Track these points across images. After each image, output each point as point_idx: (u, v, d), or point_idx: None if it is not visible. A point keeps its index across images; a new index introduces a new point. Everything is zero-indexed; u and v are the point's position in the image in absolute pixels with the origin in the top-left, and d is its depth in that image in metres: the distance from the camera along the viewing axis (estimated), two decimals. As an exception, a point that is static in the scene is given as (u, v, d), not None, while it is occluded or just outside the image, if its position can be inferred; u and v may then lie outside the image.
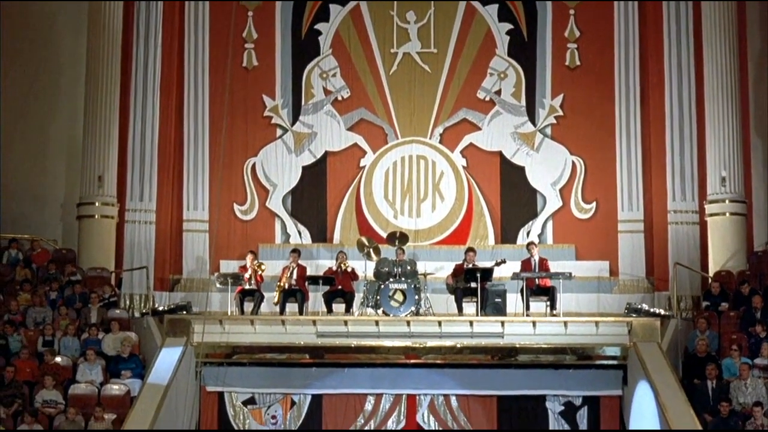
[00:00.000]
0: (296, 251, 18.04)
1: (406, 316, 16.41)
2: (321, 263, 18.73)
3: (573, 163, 19.96)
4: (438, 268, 18.48)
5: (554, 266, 17.70)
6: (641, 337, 15.96)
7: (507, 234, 19.98)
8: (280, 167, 20.17)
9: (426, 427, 16.49)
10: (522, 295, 16.98)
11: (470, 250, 17.66)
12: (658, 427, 14.69)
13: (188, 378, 15.97)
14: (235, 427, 16.53)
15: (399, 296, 16.74)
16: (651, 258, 19.39)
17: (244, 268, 17.61)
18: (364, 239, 18.25)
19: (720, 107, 18.56)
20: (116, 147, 19.28)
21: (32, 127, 20.03)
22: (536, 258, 17.41)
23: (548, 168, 20.01)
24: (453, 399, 16.50)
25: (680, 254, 18.59)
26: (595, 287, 19.07)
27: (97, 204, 18.94)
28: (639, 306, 17.14)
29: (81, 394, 15.49)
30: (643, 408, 15.37)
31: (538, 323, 16.23)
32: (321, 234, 20.05)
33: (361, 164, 20.14)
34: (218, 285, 17.63)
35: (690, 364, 15.81)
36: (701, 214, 18.92)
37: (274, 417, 16.50)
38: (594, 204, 19.88)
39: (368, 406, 16.54)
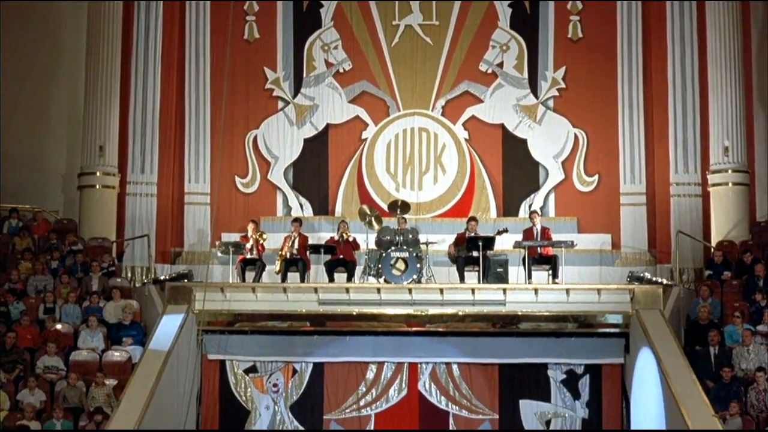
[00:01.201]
0: (298, 220, 18.01)
1: (407, 284, 16.32)
2: (322, 236, 18.66)
3: (575, 135, 19.92)
4: (440, 240, 18.41)
5: (556, 238, 17.63)
6: (643, 304, 15.90)
7: (509, 207, 19.94)
8: (281, 140, 20.14)
9: (428, 396, 16.39)
10: (524, 264, 16.94)
11: (472, 219, 17.62)
12: (659, 394, 14.61)
13: (189, 346, 15.90)
14: (237, 396, 16.43)
15: (401, 265, 16.69)
16: (653, 230, 19.41)
17: (245, 237, 17.56)
18: (365, 208, 18.20)
19: (723, 77, 18.52)
20: (117, 118, 19.27)
21: (33, 98, 19.97)
22: (538, 227, 17.37)
23: (550, 140, 19.96)
24: (455, 367, 16.43)
25: (683, 226, 18.65)
26: (597, 260, 19.07)
27: (98, 174, 18.91)
28: (641, 274, 17.11)
29: (82, 360, 15.47)
30: (645, 375, 15.33)
31: (540, 291, 16.18)
32: (323, 207, 20.02)
33: (363, 137, 20.09)
34: (220, 254, 17.59)
35: (692, 332, 15.77)
36: (704, 185, 18.93)
37: (275, 385, 16.44)
38: (596, 176, 19.85)
39: (370, 375, 16.48)
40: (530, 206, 19.43)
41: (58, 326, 15.93)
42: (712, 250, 17.68)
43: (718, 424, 13.50)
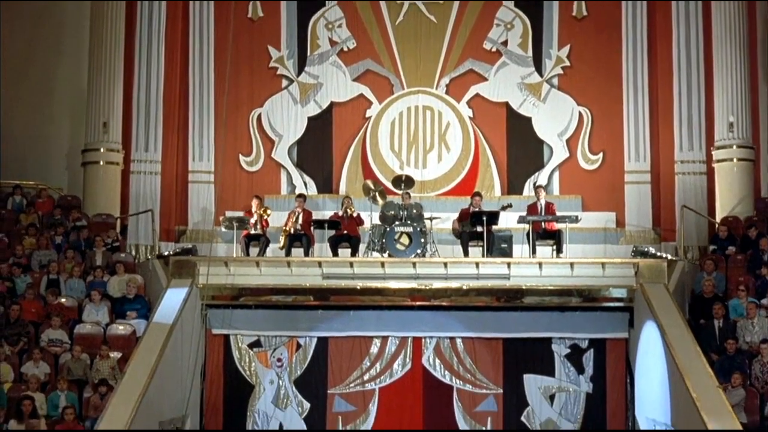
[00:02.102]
0: (302, 196, 18.02)
1: (411, 258, 16.30)
2: (326, 214, 18.62)
3: (580, 113, 19.91)
4: (444, 219, 18.39)
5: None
6: (648, 278, 15.83)
7: (513, 185, 19.95)
8: (285, 118, 20.15)
9: (432, 370, 16.38)
10: (528, 239, 16.91)
11: (477, 194, 17.59)
12: (664, 367, 14.58)
13: (193, 319, 15.83)
14: (241, 370, 16.42)
15: (405, 239, 16.68)
16: (658, 208, 19.40)
17: (249, 212, 17.55)
18: (369, 183, 18.21)
19: (728, 53, 18.50)
20: (121, 96, 19.24)
21: (37, 75, 20.01)
22: (542, 202, 17.34)
23: (555, 119, 19.96)
24: (459, 341, 16.39)
25: (687, 204, 18.52)
26: (602, 238, 19.06)
27: (102, 150, 18.91)
28: (646, 249, 17.08)
29: (86, 333, 15.48)
30: (649, 348, 15.29)
31: (545, 265, 16.10)
32: (327, 185, 20.03)
33: (367, 115, 20.09)
34: (224, 228, 17.56)
35: (696, 305, 15.75)
36: (708, 163, 18.88)
37: (279, 360, 16.42)
38: (601, 155, 19.84)
39: (374, 349, 16.44)
40: (535, 183, 19.38)
41: (63, 300, 15.94)
42: (717, 225, 17.62)
43: (723, 395, 13.45)
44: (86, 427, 13.66)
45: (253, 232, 17.35)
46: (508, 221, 17.70)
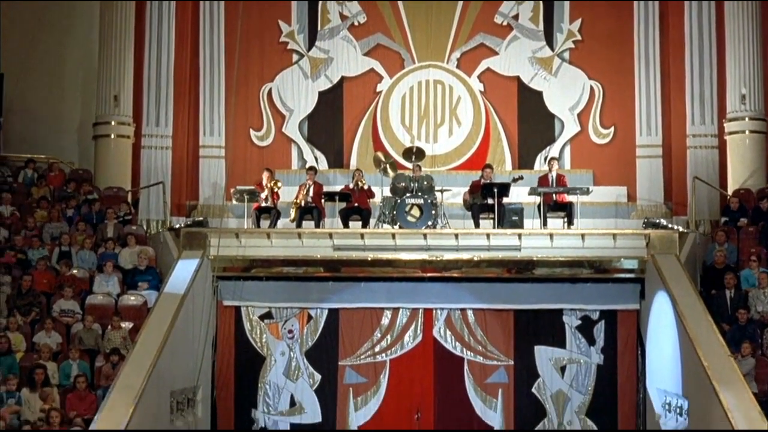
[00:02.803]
0: (313, 169, 18.05)
1: (422, 229, 16.28)
2: (337, 188, 18.57)
3: (591, 87, 19.86)
4: (455, 193, 18.37)
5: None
6: (659, 249, 15.78)
7: (524, 159, 19.92)
8: (296, 93, 20.14)
9: (442, 342, 16.37)
10: (539, 211, 16.88)
11: (487, 166, 17.57)
12: (675, 337, 14.55)
13: (204, 291, 15.86)
14: (252, 342, 16.44)
15: (415, 211, 16.67)
16: (669, 183, 19.34)
17: (260, 185, 17.55)
18: (380, 155, 18.22)
19: (740, 25, 18.40)
20: (131, 69, 19.28)
21: (48, 49, 20.00)
22: (554, 174, 17.30)
23: (566, 93, 19.91)
24: (470, 313, 16.37)
25: (699, 178, 18.44)
26: (613, 212, 19.03)
27: (112, 123, 18.95)
28: (657, 220, 17.04)
29: (98, 304, 15.53)
30: (660, 319, 15.26)
31: (556, 236, 16.05)
32: (338, 159, 20.03)
33: (378, 89, 20.08)
34: (235, 201, 17.58)
35: (708, 276, 15.72)
36: (720, 137, 18.80)
37: (290, 331, 16.42)
38: (612, 129, 19.79)
39: (385, 321, 16.43)
40: (546, 158, 19.33)
41: (74, 271, 15.98)
42: (729, 197, 17.56)
43: (734, 364, 13.42)
44: (98, 395, 13.70)
45: (263, 205, 17.36)
46: (519, 195, 17.67)
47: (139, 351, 13.98)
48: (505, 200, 16.90)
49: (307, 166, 19.19)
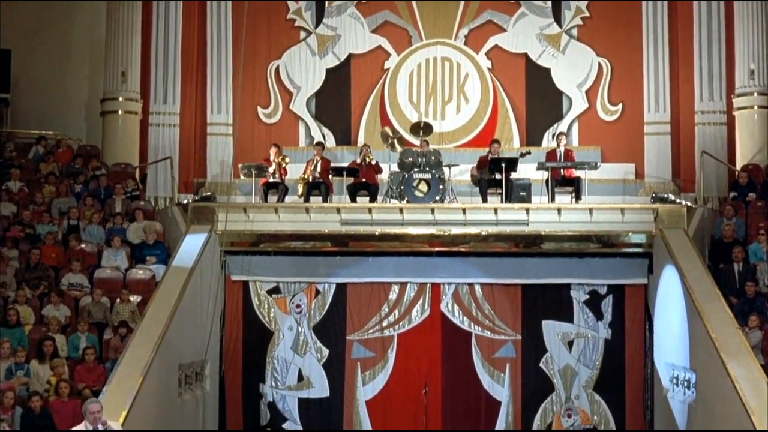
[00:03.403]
0: (320, 144, 18.06)
1: (430, 204, 16.28)
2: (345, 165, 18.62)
3: (599, 64, 19.83)
4: (462, 170, 18.35)
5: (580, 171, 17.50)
6: (667, 224, 15.76)
7: (532, 136, 19.89)
8: (303, 70, 20.13)
9: (450, 316, 16.36)
10: (547, 186, 16.86)
11: (495, 141, 17.56)
12: (683, 311, 14.54)
13: (212, 265, 15.86)
14: (260, 316, 16.45)
15: (423, 186, 16.65)
16: (677, 160, 19.32)
17: (268, 160, 17.55)
18: (387, 129, 18.20)
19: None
20: (139, 47, 19.28)
21: (55, 26, 20.02)
22: (562, 149, 17.27)
23: (574, 70, 19.88)
24: (477, 288, 16.35)
25: (707, 156, 18.38)
26: (621, 189, 19.00)
27: (120, 99, 18.95)
28: (665, 195, 17.02)
29: (106, 277, 15.56)
30: (668, 293, 15.24)
31: (564, 211, 16.03)
32: (345, 137, 20.02)
33: (386, 66, 20.06)
34: (242, 176, 17.57)
35: (716, 251, 15.69)
36: (729, 113, 18.75)
37: (298, 306, 16.43)
38: (620, 106, 19.75)
39: (392, 295, 16.41)
40: (554, 135, 19.26)
41: (83, 246, 16.01)
42: (737, 172, 17.52)
43: (742, 336, 13.41)
44: (106, 368, 13.73)
45: (271, 180, 17.35)
46: (527, 171, 17.63)
47: (148, 324, 14.01)
48: (513, 176, 16.86)
49: (314, 142, 19.14)
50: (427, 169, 16.78)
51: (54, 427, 12.41)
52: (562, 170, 16.99)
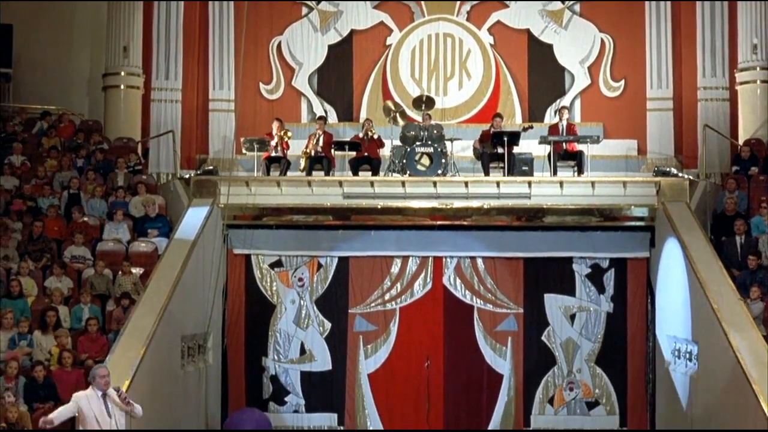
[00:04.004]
0: (322, 118, 18.05)
1: (432, 177, 16.28)
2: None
3: (602, 40, 19.82)
4: (464, 147, 18.33)
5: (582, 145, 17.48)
6: (669, 197, 15.76)
7: (534, 112, 19.88)
8: (305, 46, 20.12)
9: (452, 290, 16.36)
10: (549, 160, 16.85)
11: (497, 115, 17.54)
12: (686, 283, 14.54)
13: (215, 239, 15.85)
14: (262, 290, 16.45)
15: (425, 160, 16.65)
16: (680, 136, 19.31)
17: (270, 134, 17.54)
18: (389, 103, 18.21)
19: (752, -26, 18.28)
20: (141, 23, 19.22)
21: (56, 2, 19.97)
22: (564, 123, 17.25)
23: (577, 46, 19.87)
24: (479, 261, 16.34)
25: (709, 131, 18.32)
26: (623, 165, 18.98)
27: (122, 74, 18.93)
28: (668, 169, 17.00)
29: (109, 250, 15.58)
30: (671, 265, 15.24)
31: (566, 184, 16.03)
32: (347, 113, 20.02)
33: (388, 43, 20.06)
34: (245, 150, 17.55)
35: (718, 224, 15.68)
36: (732, 89, 18.71)
37: (300, 279, 16.43)
38: (623, 82, 19.75)
39: (395, 269, 16.40)
40: (556, 112, 19.24)
41: (85, 218, 16.02)
42: (740, 146, 17.50)
43: (744, 307, 13.43)
44: (109, 339, 13.75)
45: (273, 154, 17.34)
46: (529, 147, 17.62)
47: (150, 294, 14.00)
48: (515, 150, 16.86)
49: (317, 116, 19.14)
50: (430, 142, 16.76)
51: (57, 396, 12.44)
52: (564, 144, 16.97)
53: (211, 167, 18.06)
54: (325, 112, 19.82)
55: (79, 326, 14.03)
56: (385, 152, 17.72)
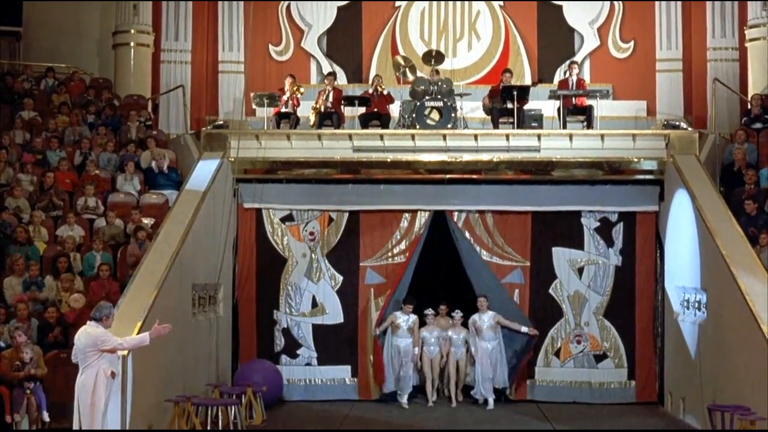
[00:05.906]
0: (332, 74, 18.11)
1: (442, 130, 16.30)
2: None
3: (611, 1, 19.76)
4: (474, 108, 18.35)
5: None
6: (679, 150, 15.77)
7: (544, 73, 19.89)
8: (315, 7, 20.19)
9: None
10: (558, 115, 16.86)
11: (507, 71, 17.57)
12: (695, 233, 14.56)
13: (225, 192, 15.89)
14: (273, 244, 16.49)
15: (435, 114, 16.67)
16: (689, 96, 19.35)
17: (282, 90, 17.57)
18: (399, 58, 18.24)
19: (762, -67, 18.27)
20: (150, -15, 19.31)
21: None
22: (574, 78, 17.26)
23: (586, 6, 19.92)
24: (488, 215, 16.37)
25: (719, 91, 18.31)
26: (632, 126, 18.83)
27: (132, 32, 19.00)
28: (677, 123, 17.01)
29: (120, 201, 15.68)
30: (680, 218, 15.25)
31: (575, 137, 16.04)
32: (356, 74, 20.05)
33: (397, 4, 20.09)
34: (255, 105, 17.59)
35: (727, 177, 15.70)
36: (741, 48, 18.70)
37: (312, 233, 16.45)
38: (632, 43, 19.77)
39: (404, 223, 16.44)
40: (565, 73, 19.24)
41: (97, 171, 16.09)
42: (749, 102, 17.50)
43: (753, 251, 13.46)
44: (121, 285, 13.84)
45: (284, 110, 17.38)
46: (539, 104, 17.62)
47: (162, 241, 14.08)
48: (525, 107, 16.87)
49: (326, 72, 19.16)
50: (439, 97, 16.78)
51: (69, 338, 12.51)
52: (573, 99, 16.97)
53: (221, 122, 18.07)
54: (335, 73, 19.84)
55: (92, 273, 14.12)
56: (394, 111, 17.72)
